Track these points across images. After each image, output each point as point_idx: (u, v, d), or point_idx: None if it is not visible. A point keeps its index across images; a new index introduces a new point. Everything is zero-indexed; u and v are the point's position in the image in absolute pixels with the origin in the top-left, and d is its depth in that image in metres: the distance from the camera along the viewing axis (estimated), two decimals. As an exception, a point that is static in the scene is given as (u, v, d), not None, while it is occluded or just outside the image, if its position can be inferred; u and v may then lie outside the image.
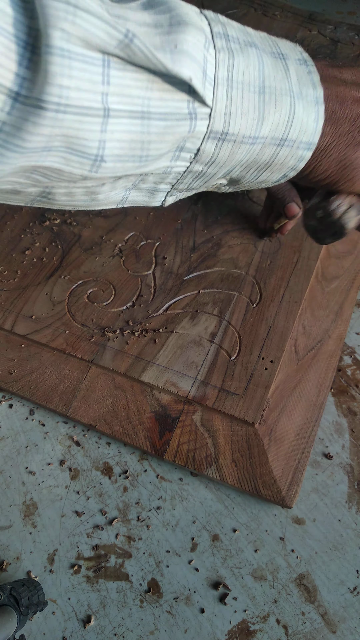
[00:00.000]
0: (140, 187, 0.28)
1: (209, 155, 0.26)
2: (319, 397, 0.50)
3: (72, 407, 0.50)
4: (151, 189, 0.29)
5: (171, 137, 0.24)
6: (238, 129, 0.25)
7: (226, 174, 0.28)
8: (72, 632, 0.43)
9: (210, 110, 0.24)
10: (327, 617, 0.43)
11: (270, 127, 0.26)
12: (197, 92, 0.24)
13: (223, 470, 0.47)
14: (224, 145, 0.26)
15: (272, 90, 0.26)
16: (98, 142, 0.23)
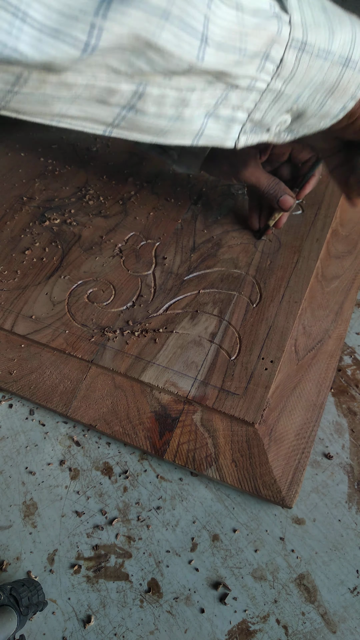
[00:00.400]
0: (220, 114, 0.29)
1: (289, 68, 0.28)
2: (319, 397, 0.50)
3: (72, 407, 0.50)
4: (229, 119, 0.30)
5: (264, 34, 0.26)
6: (314, 40, 0.27)
7: (296, 99, 0.30)
8: (72, 632, 0.43)
9: (289, 18, 0.26)
10: (327, 617, 0.43)
11: (339, 42, 0.28)
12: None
13: (223, 470, 0.47)
14: (303, 57, 0.27)
15: (333, 10, 0.28)
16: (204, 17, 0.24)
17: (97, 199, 0.64)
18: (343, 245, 0.61)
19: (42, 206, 0.64)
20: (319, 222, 0.61)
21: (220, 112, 0.29)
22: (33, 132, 0.73)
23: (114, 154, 0.70)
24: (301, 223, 0.61)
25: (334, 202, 0.63)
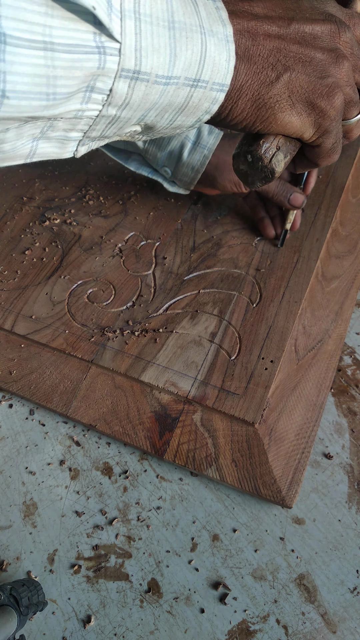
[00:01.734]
0: (50, 135, 0.26)
1: (122, 97, 0.24)
2: (319, 397, 0.50)
3: (72, 407, 0.50)
4: (61, 138, 0.26)
5: (79, 73, 0.22)
6: (151, 67, 0.24)
7: (140, 119, 0.26)
8: (72, 632, 0.43)
9: (120, 45, 0.22)
10: (327, 617, 0.43)
11: (183, 65, 0.25)
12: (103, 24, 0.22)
13: (223, 470, 0.47)
14: (137, 86, 0.24)
15: (182, 25, 0.24)
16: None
17: (97, 199, 0.64)
18: (343, 245, 0.61)
19: (42, 206, 0.64)
20: (319, 222, 0.61)
21: (50, 135, 0.26)
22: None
23: (114, 154, 0.70)
24: (301, 223, 0.61)
25: (334, 202, 0.63)
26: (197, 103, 0.27)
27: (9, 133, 0.24)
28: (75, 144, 0.27)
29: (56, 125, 0.25)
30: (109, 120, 0.26)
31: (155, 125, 0.28)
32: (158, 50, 0.24)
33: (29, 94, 0.22)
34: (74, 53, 0.22)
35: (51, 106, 0.23)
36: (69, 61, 0.22)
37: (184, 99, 0.26)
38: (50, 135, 0.26)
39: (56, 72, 0.22)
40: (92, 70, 0.23)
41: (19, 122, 0.24)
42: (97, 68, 0.23)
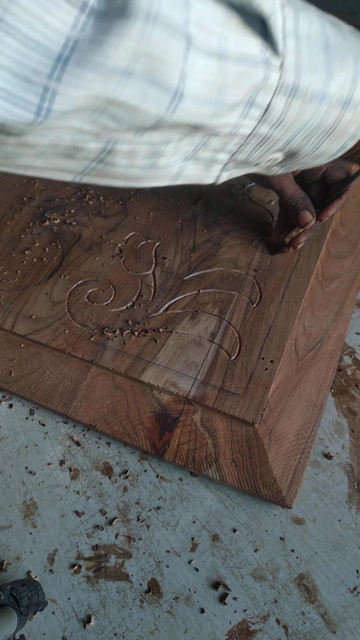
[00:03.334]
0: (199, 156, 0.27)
1: (278, 113, 0.25)
2: (319, 397, 0.50)
3: (72, 407, 0.50)
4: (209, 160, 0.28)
5: (246, 83, 0.24)
6: (308, 84, 0.25)
7: (288, 142, 0.27)
8: (72, 632, 0.43)
9: (282, 62, 0.24)
10: (327, 617, 0.43)
11: (337, 84, 0.26)
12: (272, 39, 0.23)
13: (223, 470, 0.47)
14: (294, 103, 0.25)
15: (336, 48, 0.26)
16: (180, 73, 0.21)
17: (97, 199, 0.64)
18: (343, 245, 0.61)
19: (42, 206, 0.64)
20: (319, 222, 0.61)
21: (200, 155, 0.27)
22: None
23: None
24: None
25: (334, 202, 0.63)
26: (346, 126, 0.28)
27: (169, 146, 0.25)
28: (219, 167, 0.29)
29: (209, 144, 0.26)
30: (258, 141, 0.27)
31: (299, 150, 0.29)
32: (315, 68, 0.25)
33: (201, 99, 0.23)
34: (243, 65, 0.23)
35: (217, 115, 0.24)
36: (238, 73, 0.23)
37: (334, 121, 0.27)
38: (200, 155, 0.27)
39: (227, 81, 0.23)
40: (257, 83, 0.24)
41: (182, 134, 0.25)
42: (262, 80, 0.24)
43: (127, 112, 0.22)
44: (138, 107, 0.22)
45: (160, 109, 0.22)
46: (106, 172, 0.26)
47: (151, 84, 0.21)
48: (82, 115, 0.22)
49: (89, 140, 0.23)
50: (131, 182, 0.27)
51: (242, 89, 0.24)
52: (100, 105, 0.22)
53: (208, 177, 0.29)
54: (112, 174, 0.26)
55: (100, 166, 0.25)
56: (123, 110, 0.22)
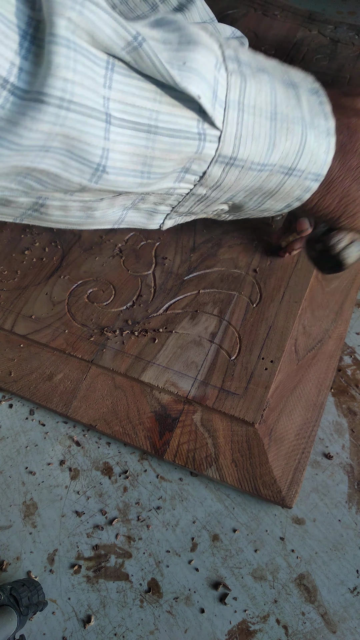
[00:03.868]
0: (140, 207, 0.27)
1: (215, 180, 0.25)
2: (319, 397, 0.50)
3: (72, 407, 0.50)
4: (150, 210, 0.27)
5: (177, 156, 0.23)
6: (247, 155, 0.24)
7: (229, 199, 0.27)
8: (72, 632, 0.43)
9: (220, 133, 0.23)
10: (327, 617, 0.43)
11: (281, 155, 0.25)
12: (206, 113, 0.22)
13: (223, 470, 0.47)
14: (231, 171, 0.25)
15: (284, 117, 0.25)
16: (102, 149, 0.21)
17: (97, 199, 0.64)
18: (343, 245, 0.61)
19: (42, 206, 0.64)
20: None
21: (140, 206, 0.27)
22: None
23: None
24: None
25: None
26: (289, 190, 0.27)
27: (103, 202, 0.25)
28: (162, 216, 0.28)
29: (147, 199, 0.26)
30: (198, 198, 0.27)
31: (243, 205, 0.28)
32: (257, 139, 0.24)
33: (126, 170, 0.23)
34: (175, 137, 0.23)
35: (145, 184, 0.24)
36: (168, 144, 0.23)
37: (276, 185, 0.26)
38: (140, 206, 0.27)
39: (155, 154, 0.23)
40: (190, 155, 0.23)
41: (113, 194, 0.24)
42: (194, 153, 0.23)
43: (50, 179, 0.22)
44: (60, 176, 0.22)
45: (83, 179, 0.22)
46: (44, 219, 0.26)
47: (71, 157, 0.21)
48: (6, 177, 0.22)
49: (19, 195, 0.23)
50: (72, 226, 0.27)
51: (173, 161, 0.23)
52: (22, 172, 0.22)
53: (152, 224, 0.29)
54: (50, 220, 0.26)
55: (36, 214, 0.25)
56: (46, 177, 0.22)
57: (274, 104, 0.24)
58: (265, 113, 0.24)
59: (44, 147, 0.21)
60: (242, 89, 0.23)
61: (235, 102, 0.23)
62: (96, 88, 0.20)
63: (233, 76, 0.23)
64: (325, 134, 0.26)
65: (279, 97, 0.25)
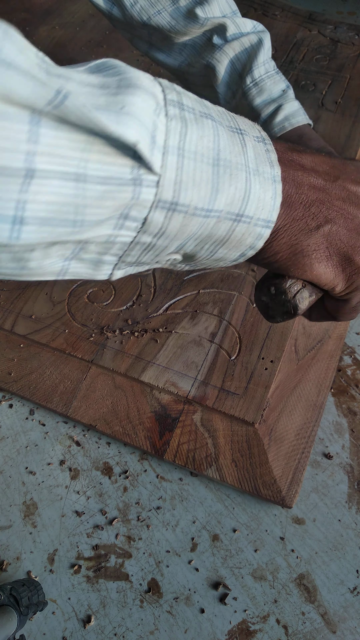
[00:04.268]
0: (82, 257, 0.26)
1: (158, 226, 0.24)
2: (319, 397, 0.50)
3: (72, 407, 0.50)
4: (95, 260, 0.26)
5: (111, 203, 0.22)
6: (190, 200, 0.24)
7: (179, 248, 0.26)
8: (72, 632, 0.43)
9: (159, 178, 0.23)
10: (327, 617, 0.43)
11: (226, 200, 0.25)
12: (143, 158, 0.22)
13: (223, 470, 0.47)
14: (175, 216, 0.24)
15: (227, 163, 0.24)
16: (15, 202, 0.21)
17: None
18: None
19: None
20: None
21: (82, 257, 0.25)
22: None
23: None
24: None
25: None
26: (241, 237, 0.26)
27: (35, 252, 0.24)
28: (110, 267, 0.27)
29: (88, 248, 0.25)
30: (144, 247, 0.26)
31: (195, 255, 0.27)
32: (199, 185, 0.24)
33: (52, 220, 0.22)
34: (107, 185, 0.22)
35: (78, 232, 0.23)
36: (100, 192, 0.22)
37: (226, 232, 0.26)
38: (82, 256, 0.25)
39: (86, 202, 0.22)
40: (126, 201, 0.23)
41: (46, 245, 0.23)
42: (130, 199, 0.23)
43: None
44: None
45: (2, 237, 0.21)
46: None
47: None
48: None
49: None
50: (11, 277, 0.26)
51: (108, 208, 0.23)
52: None
53: (99, 274, 0.27)
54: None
55: None
56: None
57: (217, 149, 0.24)
58: (207, 159, 0.24)
59: None
60: (182, 134, 0.23)
61: (174, 147, 0.23)
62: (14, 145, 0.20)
63: (174, 121, 0.23)
64: (272, 180, 0.26)
65: (223, 143, 0.24)
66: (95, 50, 0.87)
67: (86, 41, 0.89)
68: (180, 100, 0.24)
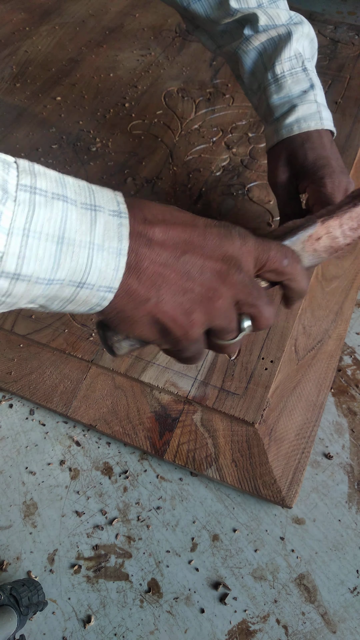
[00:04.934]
0: None
1: (4, 290, 0.26)
2: (319, 397, 0.50)
3: (72, 407, 0.50)
4: None
5: None
6: (32, 272, 0.26)
7: (30, 302, 0.29)
8: (72, 632, 0.43)
9: (2, 254, 0.25)
10: (327, 617, 0.43)
11: (67, 272, 0.27)
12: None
13: (223, 470, 0.47)
14: (18, 284, 0.26)
15: (71, 241, 0.27)
16: None
17: (97, 199, 0.64)
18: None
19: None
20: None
21: None
22: (33, 132, 0.73)
23: (114, 154, 0.70)
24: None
25: (334, 202, 0.63)
26: (85, 299, 0.29)
27: None
28: None
29: None
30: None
31: (48, 307, 0.30)
32: (42, 260, 0.26)
33: None
34: None
35: None
36: None
37: (71, 294, 0.28)
38: None
39: None
40: None
41: None
42: None
43: None
44: None
45: None
46: None
47: None
48: None
49: None
50: None
51: None
52: None
53: None
54: None
55: None
56: None
57: (63, 229, 0.26)
58: (51, 237, 0.26)
59: None
60: (29, 217, 0.25)
61: (20, 228, 0.25)
62: None
63: (21, 206, 0.25)
64: (116, 254, 0.28)
65: (70, 223, 0.27)
66: (95, 51, 0.87)
67: (86, 41, 0.89)
68: (34, 184, 0.26)
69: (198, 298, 0.30)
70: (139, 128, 0.74)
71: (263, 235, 0.35)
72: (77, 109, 0.77)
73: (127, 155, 0.70)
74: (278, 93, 0.49)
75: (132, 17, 0.94)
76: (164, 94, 0.79)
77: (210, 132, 0.72)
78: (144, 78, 0.82)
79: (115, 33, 0.90)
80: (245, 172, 0.67)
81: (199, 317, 0.31)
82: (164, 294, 0.30)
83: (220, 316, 0.31)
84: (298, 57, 0.49)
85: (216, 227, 0.31)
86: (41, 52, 0.87)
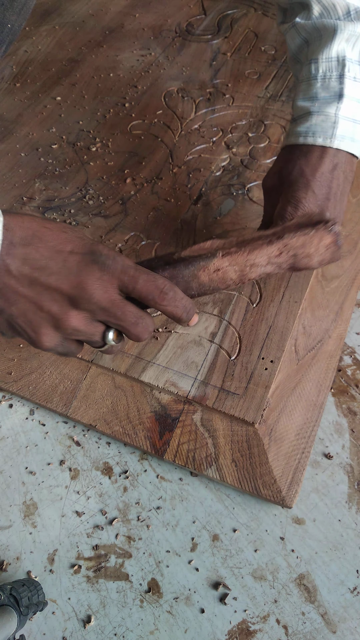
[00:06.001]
0: None
1: None
2: (319, 397, 0.50)
3: (72, 407, 0.50)
4: None
5: None
6: None
7: None
8: (72, 632, 0.43)
9: None
10: (327, 617, 0.43)
11: None
12: None
13: (223, 470, 0.47)
14: None
15: None
16: None
17: (97, 199, 0.64)
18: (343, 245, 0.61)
19: (42, 206, 0.64)
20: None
21: None
22: (33, 132, 0.73)
23: (114, 154, 0.70)
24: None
25: (334, 202, 0.63)
26: None
27: None
28: None
29: None
30: None
31: None
32: None
33: None
34: None
35: None
36: None
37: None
38: None
39: None
40: None
41: None
42: None
43: None
44: None
45: None
46: None
47: None
48: None
49: None
50: None
51: None
52: None
53: None
54: None
55: None
56: None
57: None
58: None
59: None
60: None
61: None
62: None
63: None
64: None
65: None
66: (95, 51, 0.87)
67: (86, 41, 0.89)
68: None
69: (46, 318, 0.33)
70: (139, 128, 0.74)
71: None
72: (77, 109, 0.77)
73: (127, 155, 0.70)
74: (305, 93, 0.47)
75: (132, 17, 0.94)
76: (164, 94, 0.79)
77: (210, 132, 0.72)
78: (144, 78, 0.82)
79: (115, 33, 0.90)
80: (245, 172, 0.67)
81: (48, 332, 0.34)
82: (14, 311, 0.33)
83: (74, 333, 0.34)
84: (340, 60, 0.45)
85: (80, 255, 0.34)
86: (41, 52, 0.87)
